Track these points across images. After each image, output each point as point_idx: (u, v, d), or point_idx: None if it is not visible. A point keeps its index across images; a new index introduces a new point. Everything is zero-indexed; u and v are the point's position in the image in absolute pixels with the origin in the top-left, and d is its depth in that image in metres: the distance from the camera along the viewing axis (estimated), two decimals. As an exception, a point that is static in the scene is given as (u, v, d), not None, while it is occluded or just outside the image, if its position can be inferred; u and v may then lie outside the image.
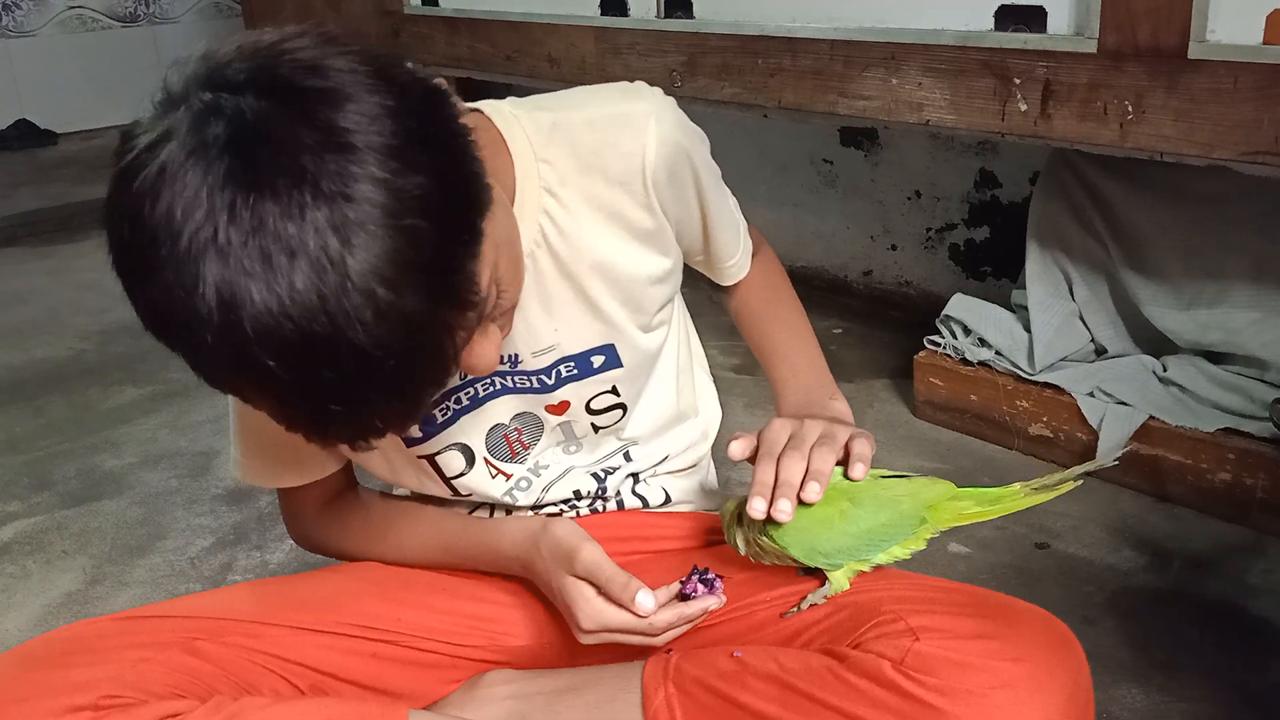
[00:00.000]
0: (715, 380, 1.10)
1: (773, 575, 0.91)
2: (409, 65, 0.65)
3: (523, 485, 0.96)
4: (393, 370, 0.60)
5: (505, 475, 0.95)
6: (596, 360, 0.90)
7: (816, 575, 0.88)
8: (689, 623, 0.85)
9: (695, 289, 1.00)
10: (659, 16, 1.96)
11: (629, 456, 0.99)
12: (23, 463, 1.91)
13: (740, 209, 0.99)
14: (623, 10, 2.02)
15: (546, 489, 0.96)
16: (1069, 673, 0.76)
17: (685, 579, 0.86)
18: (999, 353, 1.75)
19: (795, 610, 0.87)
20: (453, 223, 0.62)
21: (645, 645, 0.86)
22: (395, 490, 1.03)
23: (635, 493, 1.01)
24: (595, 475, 0.98)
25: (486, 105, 0.87)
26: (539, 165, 0.84)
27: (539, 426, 0.93)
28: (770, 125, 2.51)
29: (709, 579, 0.86)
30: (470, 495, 0.96)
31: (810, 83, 1.71)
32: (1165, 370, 1.66)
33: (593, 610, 0.83)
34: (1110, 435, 1.58)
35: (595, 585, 0.84)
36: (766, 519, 0.80)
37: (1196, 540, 1.49)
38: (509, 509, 0.98)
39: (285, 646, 0.87)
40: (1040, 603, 0.82)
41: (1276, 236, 1.57)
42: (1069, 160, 1.73)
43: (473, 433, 0.92)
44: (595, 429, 0.94)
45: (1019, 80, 1.44)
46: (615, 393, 0.93)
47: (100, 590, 1.51)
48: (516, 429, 0.93)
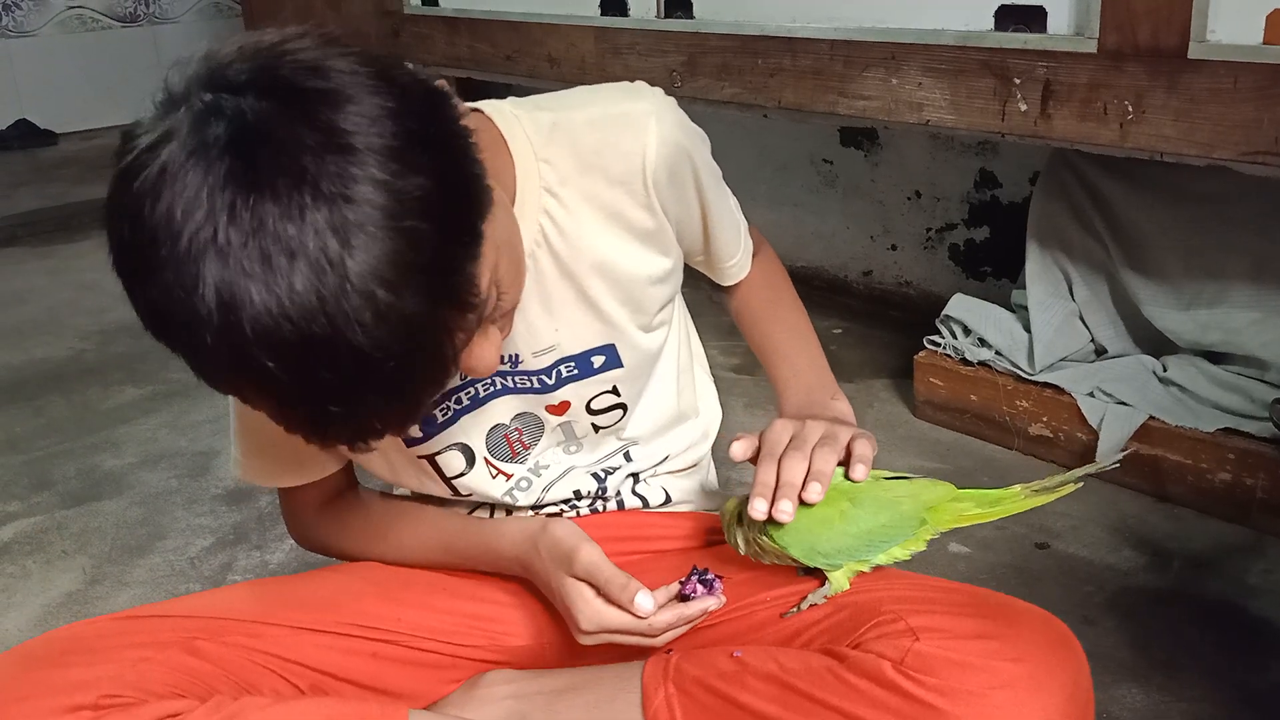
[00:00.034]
0: (715, 380, 1.10)
1: (773, 575, 0.91)
2: (410, 66, 0.65)
3: (523, 485, 0.96)
4: (392, 372, 0.60)
5: (505, 475, 0.95)
6: (597, 360, 0.90)
7: (816, 575, 0.88)
8: (688, 623, 0.85)
9: (695, 289, 1.00)
10: (659, 16, 1.96)
11: (629, 456, 0.99)
12: (23, 463, 1.91)
13: (740, 209, 0.99)
14: (623, 10, 2.02)
15: (547, 489, 0.96)
16: (1069, 673, 0.76)
17: (685, 579, 0.86)
18: (999, 353, 1.75)
19: (795, 610, 0.87)
20: (453, 224, 0.62)
21: (645, 646, 0.86)
22: (395, 490, 1.03)
23: (635, 493, 1.01)
24: (595, 475, 0.98)
25: (487, 105, 0.87)
26: (539, 165, 0.84)
27: (539, 427, 0.93)
28: (770, 125, 2.51)
29: (708, 579, 0.85)
30: (470, 495, 0.96)
31: (810, 83, 1.71)
32: (1165, 370, 1.66)
33: (592, 611, 0.83)
34: (1110, 435, 1.58)
35: (594, 586, 0.84)
36: (768, 519, 0.80)
37: (1196, 540, 1.49)
38: (509, 509, 0.98)
39: (285, 646, 0.87)
40: (1040, 603, 0.82)
41: (1276, 236, 1.57)
42: (1069, 160, 1.73)
43: (473, 433, 0.92)
44: (596, 429, 0.94)
45: (1019, 80, 1.44)
46: (616, 393, 0.93)
47: (100, 590, 1.51)
48: (517, 429, 0.93)
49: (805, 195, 2.52)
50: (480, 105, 0.87)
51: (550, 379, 0.90)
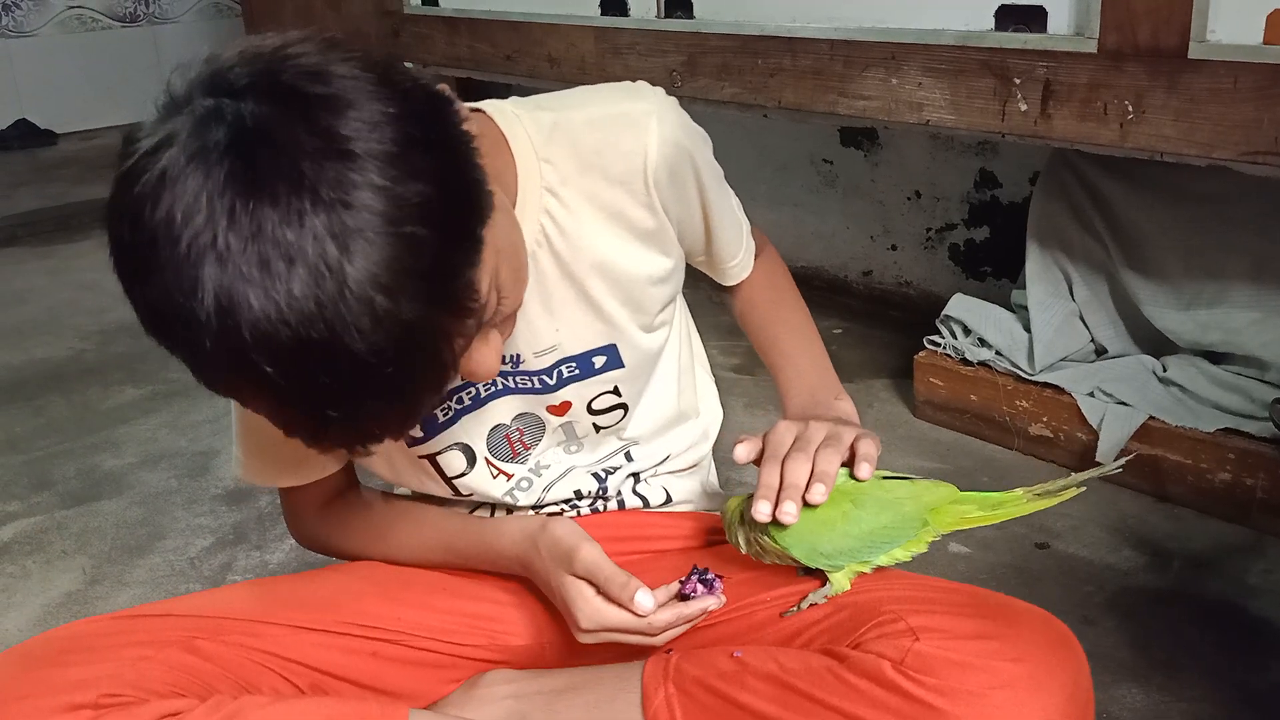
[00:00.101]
0: (716, 380, 1.10)
1: (773, 575, 0.91)
2: (412, 71, 0.65)
3: (524, 485, 0.96)
4: (390, 377, 0.60)
5: (506, 475, 0.95)
6: (598, 360, 0.90)
7: (817, 575, 0.88)
8: (688, 623, 0.85)
9: (695, 289, 1.00)
10: (659, 16, 1.96)
11: (630, 456, 0.99)
12: (23, 463, 1.91)
13: (742, 209, 0.99)
14: (623, 10, 2.02)
15: (547, 489, 0.96)
16: (1069, 673, 0.76)
17: (685, 579, 0.86)
18: (999, 353, 1.75)
19: (795, 610, 0.87)
20: (452, 230, 0.61)
21: (644, 645, 0.86)
22: (396, 490, 1.03)
23: (636, 492, 1.01)
24: (596, 475, 0.98)
25: (489, 105, 0.87)
26: (541, 165, 0.84)
27: (540, 427, 0.93)
28: (770, 125, 2.51)
29: (708, 579, 0.85)
30: (471, 495, 0.96)
31: (810, 83, 1.71)
32: (1165, 370, 1.66)
33: (592, 610, 0.83)
34: (1110, 435, 1.58)
35: (594, 584, 0.84)
36: (771, 520, 0.80)
37: (1196, 540, 1.49)
38: (510, 509, 0.98)
39: (285, 645, 0.87)
40: (1040, 603, 0.82)
41: (1276, 236, 1.57)
42: (1069, 160, 1.73)
43: (474, 433, 0.92)
44: (596, 429, 0.94)
45: (1019, 80, 1.44)
46: (617, 393, 0.93)
47: (100, 590, 1.51)
48: (518, 429, 0.93)
49: (805, 195, 2.52)
50: (482, 105, 0.87)
51: (551, 379, 0.90)
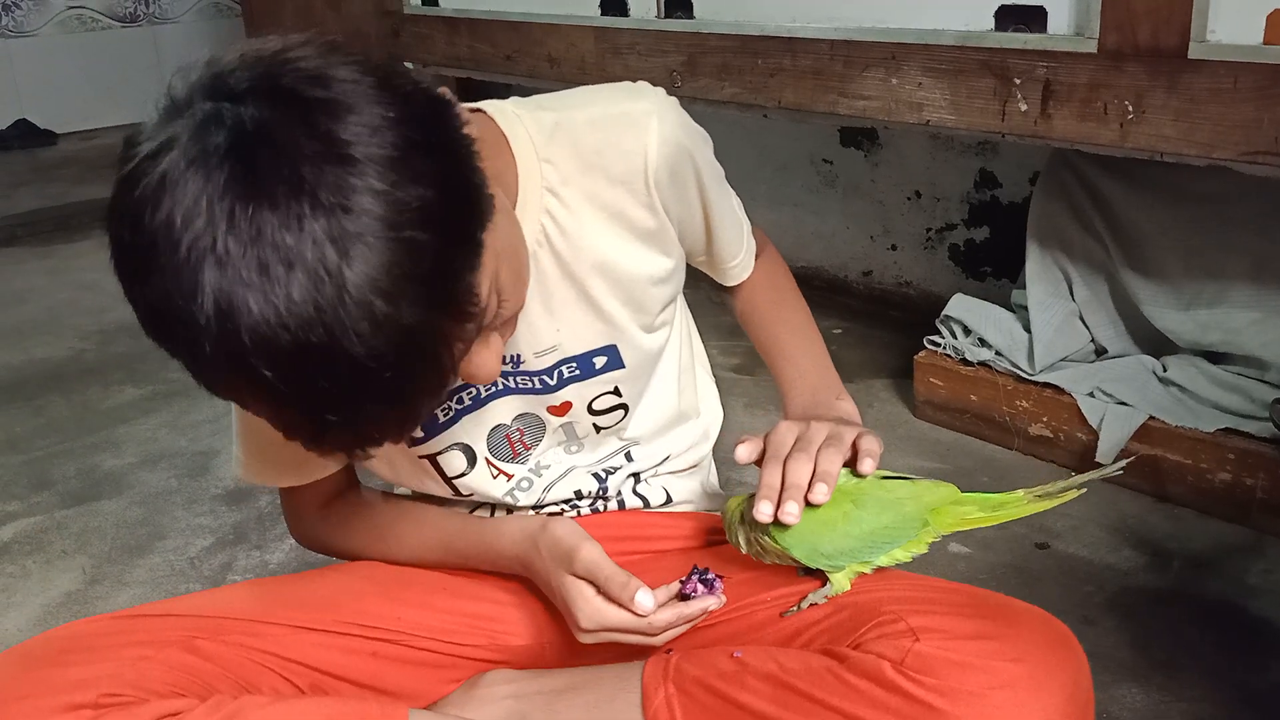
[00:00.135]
0: (716, 380, 1.10)
1: (773, 575, 0.90)
2: (413, 74, 0.65)
3: (524, 485, 0.96)
4: (390, 381, 0.60)
5: (506, 475, 0.95)
6: (599, 361, 0.90)
7: (817, 576, 0.88)
8: (688, 623, 0.85)
9: (696, 289, 1.00)
10: (659, 16, 1.96)
11: (630, 456, 0.99)
12: (23, 463, 1.91)
13: (743, 209, 0.99)
14: (623, 10, 2.02)
15: (548, 489, 0.96)
16: (1069, 673, 0.76)
17: (685, 579, 0.86)
18: (999, 353, 1.75)
19: (795, 610, 0.87)
20: (452, 235, 0.61)
21: (644, 645, 0.86)
22: (396, 490, 1.03)
23: (636, 493, 1.01)
24: (596, 475, 0.98)
25: (489, 105, 0.87)
26: (541, 165, 0.84)
27: (541, 427, 0.93)
28: (770, 125, 2.51)
29: (709, 579, 0.85)
30: (471, 495, 0.96)
31: (810, 83, 1.71)
32: (1165, 370, 1.66)
33: (592, 609, 0.83)
34: (1110, 435, 1.58)
35: (594, 584, 0.84)
36: (773, 520, 0.80)
37: (1196, 540, 1.49)
38: (510, 509, 0.98)
39: (285, 645, 0.87)
40: (1040, 603, 0.82)
41: (1276, 236, 1.57)
42: (1069, 160, 1.73)
43: (474, 433, 0.92)
44: (597, 429, 0.94)
45: (1019, 80, 1.44)
46: (617, 393, 0.93)
47: (100, 590, 1.51)
48: (518, 429, 0.93)
49: (805, 195, 2.52)
50: (483, 105, 0.87)
51: (552, 379, 0.90)
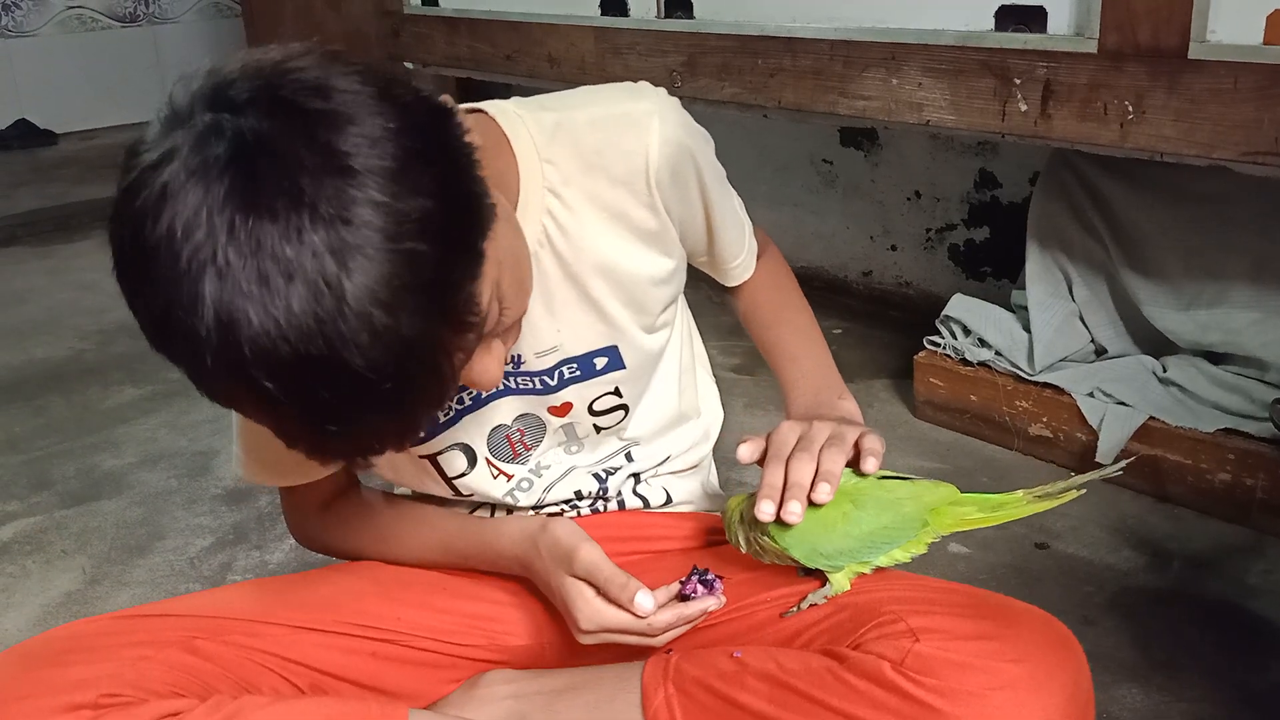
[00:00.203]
0: (716, 380, 1.10)
1: (773, 576, 0.90)
2: (414, 83, 0.65)
3: (524, 486, 0.96)
4: (390, 392, 0.61)
5: (507, 476, 0.95)
6: (599, 362, 0.90)
7: (817, 576, 0.88)
8: (688, 623, 0.85)
9: (695, 289, 1.00)
10: (659, 16, 1.96)
11: (630, 457, 0.99)
12: (22, 462, 1.91)
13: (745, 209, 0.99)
14: (623, 10, 2.02)
15: (548, 489, 0.96)
16: (1069, 673, 0.76)
17: (685, 579, 0.86)
18: (999, 353, 1.75)
19: (795, 610, 0.87)
20: (452, 245, 0.61)
21: (644, 645, 0.86)
22: (396, 490, 1.03)
23: (636, 493, 1.01)
24: (597, 475, 0.98)
25: (491, 106, 0.87)
26: (543, 165, 0.84)
27: (541, 428, 0.93)
28: (770, 125, 2.51)
29: (709, 579, 0.85)
30: (471, 495, 0.96)
31: (810, 83, 1.71)
32: (1165, 371, 1.66)
33: (591, 610, 0.83)
34: (1110, 435, 1.58)
35: (594, 585, 0.84)
36: (774, 519, 0.80)
37: (1196, 540, 1.49)
38: (510, 509, 0.98)
39: (285, 645, 0.87)
40: (1040, 603, 0.82)
41: (1276, 236, 1.57)
42: (1069, 160, 1.73)
43: (475, 433, 0.92)
44: (597, 430, 0.94)
45: (1019, 80, 1.44)
46: (618, 394, 0.93)
47: (100, 590, 1.51)
48: (519, 430, 0.93)
49: (805, 195, 2.52)
50: (484, 105, 0.87)
51: (552, 380, 0.90)
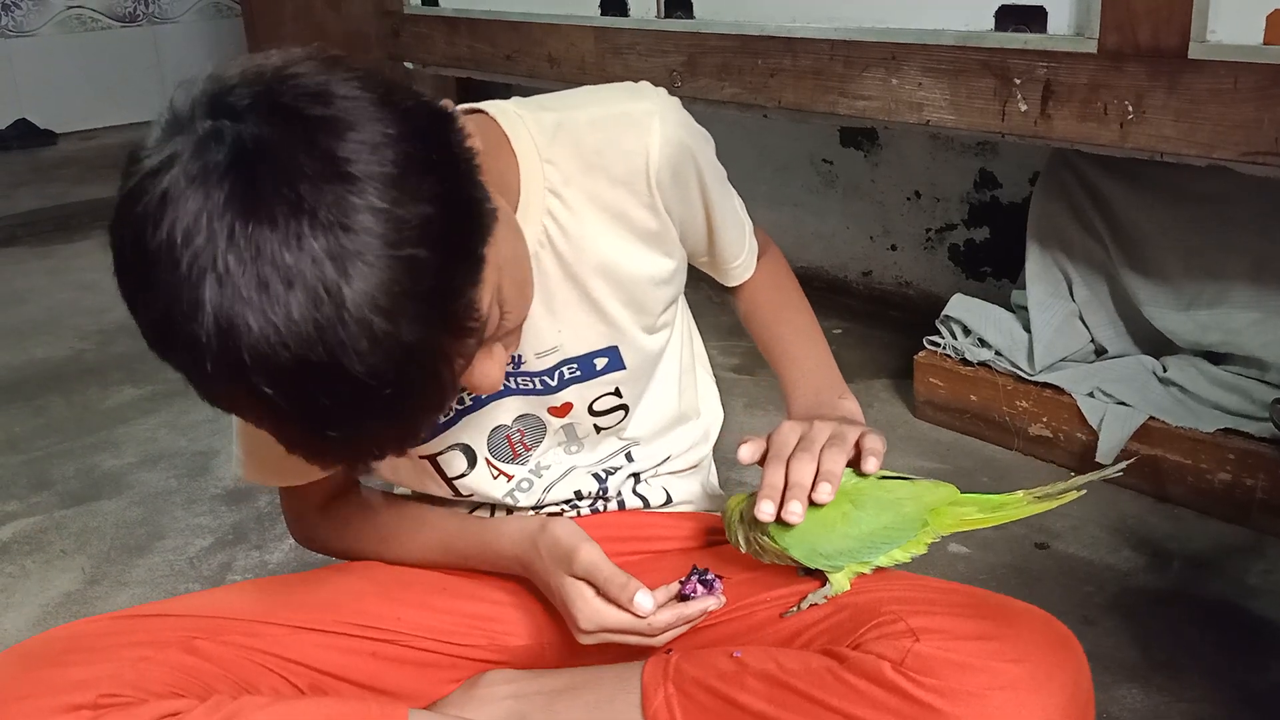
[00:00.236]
0: (716, 380, 1.10)
1: (773, 576, 0.90)
2: (415, 87, 0.65)
3: (524, 486, 0.96)
4: (390, 398, 0.61)
5: (507, 476, 0.95)
6: (600, 362, 0.90)
7: (817, 576, 0.88)
8: (688, 623, 0.85)
9: (695, 289, 1.00)
10: (659, 16, 1.96)
11: (630, 457, 0.99)
12: (22, 462, 1.91)
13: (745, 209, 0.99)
14: (623, 10, 2.02)
15: (548, 490, 0.96)
16: (1069, 673, 0.76)
17: (684, 579, 0.86)
18: (999, 353, 1.75)
19: (795, 610, 0.87)
20: (453, 251, 0.61)
21: (644, 645, 0.86)
22: (396, 490, 1.03)
23: (636, 493, 1.01)
24: (596, 476, 0.98)
25: (491, 106, 0.87)
26: (544, 166, 0.84)
27: (541, 428, 0.93)
28: (770, 125, 2.51)
29: (708, 579, 0.85)
30: (471, 496, 0.96)
31: (810, 83, 1.71)
32: (1165, 371, 1.66)
33: (591, 610, 0.83)
34: (1110, 436, 1.58)
35: (594, 585, 0.84)
36: (774, 519, 0.80)
37: (1196, 540, 1.49)
38: (510, 509, 0.97)
39: (284, 646, 0.87)
40: (1040, 603, 0.82)
41: (1276, 236, 1.57)
42: (1069, 160, 1.73)
43: (475, 433, 0.92)
44: (597, 430, 0.94)
45: (1019, 80, 1.44)
46: (618, 394, 0.93)
47: (99, 590, 1.51)
48: (519, 430, 0.93)
49: (805, 195, 2.52)
50: (484, 106, 0.87)
51: (553, 380, 0.90)
